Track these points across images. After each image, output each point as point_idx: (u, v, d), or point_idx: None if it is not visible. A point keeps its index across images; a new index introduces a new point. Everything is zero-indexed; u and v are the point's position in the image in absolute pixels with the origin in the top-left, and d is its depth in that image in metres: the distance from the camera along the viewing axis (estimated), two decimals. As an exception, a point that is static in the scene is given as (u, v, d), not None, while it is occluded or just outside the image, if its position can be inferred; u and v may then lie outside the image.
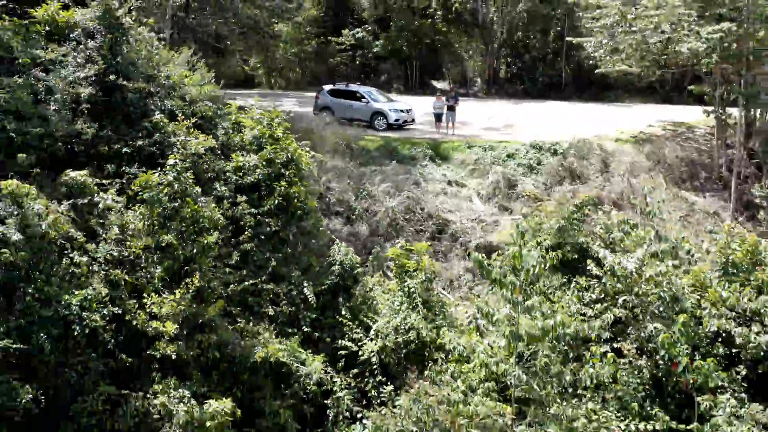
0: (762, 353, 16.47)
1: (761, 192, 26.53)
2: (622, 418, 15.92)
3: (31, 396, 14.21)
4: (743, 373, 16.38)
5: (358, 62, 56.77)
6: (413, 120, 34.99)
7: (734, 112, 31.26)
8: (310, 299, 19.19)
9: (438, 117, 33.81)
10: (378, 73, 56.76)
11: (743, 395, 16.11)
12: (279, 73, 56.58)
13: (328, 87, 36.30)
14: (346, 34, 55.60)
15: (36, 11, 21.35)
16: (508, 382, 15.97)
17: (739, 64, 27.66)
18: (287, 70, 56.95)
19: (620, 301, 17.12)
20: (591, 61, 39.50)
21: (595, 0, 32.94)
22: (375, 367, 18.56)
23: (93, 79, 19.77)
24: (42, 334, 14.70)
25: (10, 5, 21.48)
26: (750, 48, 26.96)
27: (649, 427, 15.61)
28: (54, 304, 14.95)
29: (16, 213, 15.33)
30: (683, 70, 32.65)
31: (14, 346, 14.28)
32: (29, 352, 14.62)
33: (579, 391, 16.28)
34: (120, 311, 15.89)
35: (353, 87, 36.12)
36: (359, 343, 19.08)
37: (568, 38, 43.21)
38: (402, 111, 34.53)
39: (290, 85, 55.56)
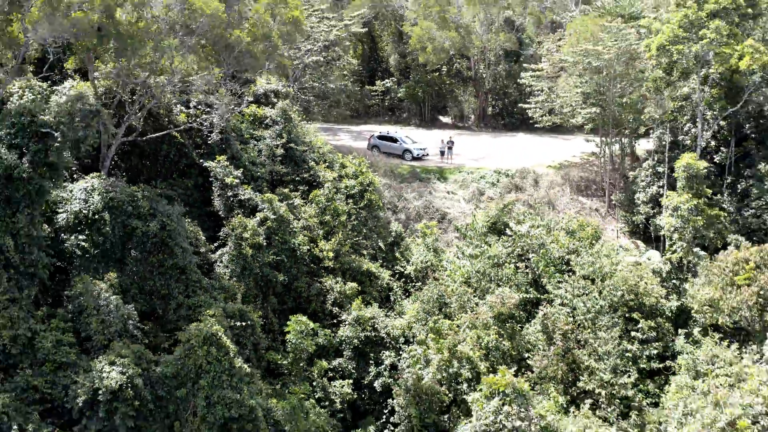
0: (583, 266, 38.47)
1: (615, 198, 49.00)
2: (516, 292, 38.12)
3: (282, 278, 36.79)
4: (572, 277, 38.53)
5: (386, 103, 79.39)
6: (428, 154, 57.42)
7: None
8: (382, 248, 41.82)
9: (442, 153, 56.38)
10: (401, 111, 79.40)
11: (574, 290, 38.20)
12: (329, 111, 78.80)
13: (377, 133, 58.95)
14: (378, 84, 78.13)
15: (245, 110, 43.99)
16: (471, 278, 38.57)
17: (607, 127, 50.15)
18: (334, 107, 79.17)
19: (519, 246, 39.45)
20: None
21: (535, 83, 55.48)
22: (412, 277, 41.15)
23: (280, 145, 42.36)
24: (283, 255, 37.22)
25: (233, 108, 43.97)
26: (613, 118, 49.38)
27: (527, 296, 37.88)
28: (287, 243, 37.46)
29: (268, 207, 37.82)
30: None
31: (276, 258, 36.82)
32: (279, 261, 37.14)
33: (500, 282, 38.61)
34: (308, 248, 38.47)
35: (391, 134, 58.58)
36: (404, 268, 41.65)
37: (519, 104, 65.43)
38: (421, 149, 57.06)
39: (338, 119, 77.63)
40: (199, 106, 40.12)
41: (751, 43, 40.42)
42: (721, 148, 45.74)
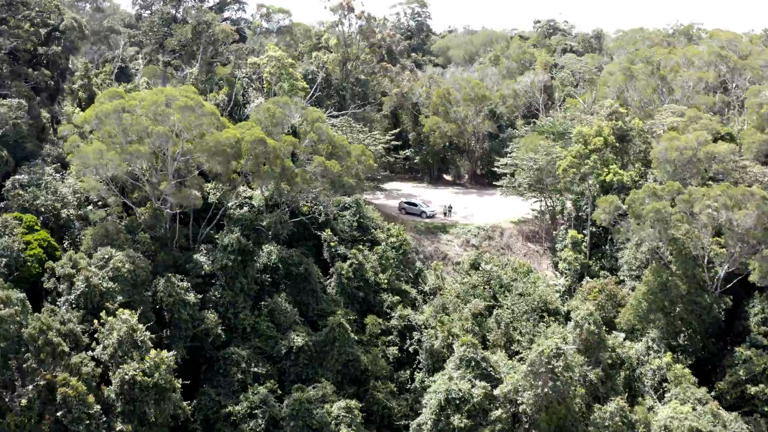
0: (518, 288, 72.52)
1: (547, 245, 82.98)
2: (483, 301, 72.06)
3: (361, 295, 71.21)
4: (512, 294, 72.56)
5: (407, 166, 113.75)
6: (436, 215, 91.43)
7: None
8: (411, 276, 76.36)
9: (444, 213, 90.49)
10: (416, 172, 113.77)
11: (513, 301, 72.23)
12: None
13: (404, 200, 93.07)
14: (401, 153, 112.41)
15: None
16: (460, 294, 73.07)
17: (545, 199, 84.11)
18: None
19: (486, 276, 73.55)
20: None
21: (502, 169, 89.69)
22: (429, 293, 75.62)
23: (354, 220, 76.60)
24: (361, 282, 71.45)
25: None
26: (547, 194, 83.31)
27: (489, 303, 71.99)
28: (364, 276, 71.69)
29: (353, 257, 72.02)
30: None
31: (358, 284, 71.16)
32: (359, 286, 71.40)
33: (475, 296, 72.67)
34: (374, 278, 72.77)
35: (413, 200, 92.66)
36: (423, 288, 76.08)
37: (494, 182, 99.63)
38: (432, 210, 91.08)
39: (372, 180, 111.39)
40: (314, 202, 74.38)
41: (614, 168, 74.55)
42: (606, 217, 79.71)
